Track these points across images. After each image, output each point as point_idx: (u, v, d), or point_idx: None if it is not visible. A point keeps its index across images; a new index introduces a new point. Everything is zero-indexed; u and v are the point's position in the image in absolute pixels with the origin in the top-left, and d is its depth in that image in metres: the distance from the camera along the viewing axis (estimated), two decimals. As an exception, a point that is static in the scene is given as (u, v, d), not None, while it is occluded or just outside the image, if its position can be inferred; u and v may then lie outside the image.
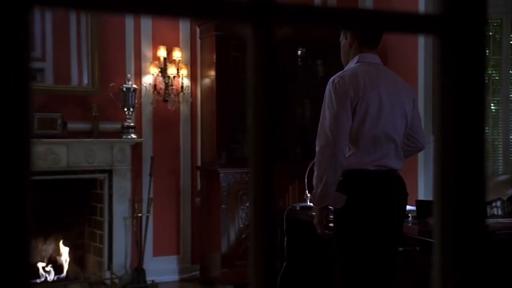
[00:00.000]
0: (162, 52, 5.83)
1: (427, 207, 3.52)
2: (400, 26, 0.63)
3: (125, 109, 5.61)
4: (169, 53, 5.87)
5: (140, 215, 5.73)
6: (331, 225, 3.08)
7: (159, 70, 5.83)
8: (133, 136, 5.66)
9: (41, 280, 5.51)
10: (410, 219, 3.73)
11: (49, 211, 5.60)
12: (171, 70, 5.83)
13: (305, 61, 6.25)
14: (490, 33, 5.72)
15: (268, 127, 0.56)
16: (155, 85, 5.85)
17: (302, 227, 4.21)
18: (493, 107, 5.77)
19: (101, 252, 5.64)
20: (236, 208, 5.67)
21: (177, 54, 5.88)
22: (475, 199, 0.62)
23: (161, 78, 5.84)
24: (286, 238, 4.30)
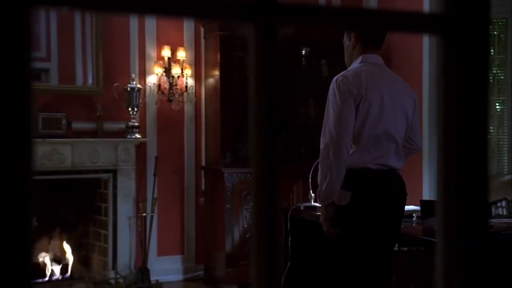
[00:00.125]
0: (166, 52, 5.84)
1: (431, 207, 3.52)
2: (403, 26, 0.62)
3: (130, 109, 5.61)
4: (173, 53, 5.87)
5: (144, 214, 5.73)
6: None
7: (163, 70, 5.84)
8: (138, 136, 5.67)
9: (46, 279, 5.52)
10: (415, 219, 3.73)
11: (54, 211, 5.61)
12: (175, 70, 5.83)
13: (309, 61, 6.24)
14: (495, 33, 5.71)
15: (269, 127, 0.56)
16: (159, 85, 5.85)
17: (307, 227, 4.20)
18: (498, 107, 5.76)
19: (106, 251, 5.65)
20: (240, 208, 5.67)
21: (181, 54, 5.88)
22: (478, 199, 0.62)
23: (165, 78, 5.84)
24: (290, 238, 4.30)
